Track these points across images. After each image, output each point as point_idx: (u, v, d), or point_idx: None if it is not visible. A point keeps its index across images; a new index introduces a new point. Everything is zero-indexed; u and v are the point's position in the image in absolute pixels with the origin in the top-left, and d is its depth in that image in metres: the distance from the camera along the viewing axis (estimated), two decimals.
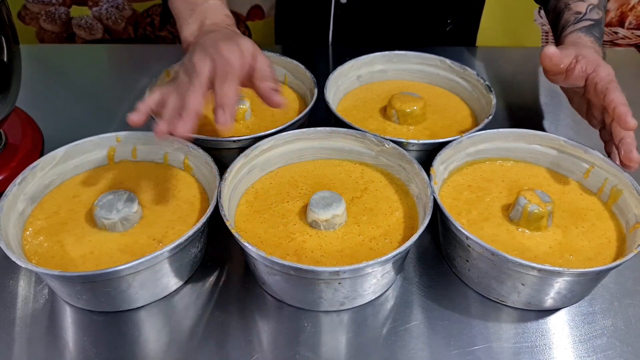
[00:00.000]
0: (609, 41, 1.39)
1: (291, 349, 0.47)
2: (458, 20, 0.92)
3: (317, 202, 0.51)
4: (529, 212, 0.51)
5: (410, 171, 0.55)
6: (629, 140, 0.53)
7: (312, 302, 0.49)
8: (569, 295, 0.49)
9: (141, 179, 0.57)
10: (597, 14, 0.65)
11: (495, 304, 0.51)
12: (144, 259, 0.44)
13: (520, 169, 0.60)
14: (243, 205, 0.55)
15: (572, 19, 0.65)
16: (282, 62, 0.73)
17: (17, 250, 0.47)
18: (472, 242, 0.47)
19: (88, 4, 1.39)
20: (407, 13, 0.90)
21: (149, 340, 0.48)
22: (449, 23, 0.92)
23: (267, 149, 0.57)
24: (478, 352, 0.47)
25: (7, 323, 0.48)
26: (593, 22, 0.64)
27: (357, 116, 0.68)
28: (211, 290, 0.52)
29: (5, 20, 0.56)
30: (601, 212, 0.55)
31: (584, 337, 0.49)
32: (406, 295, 0.52)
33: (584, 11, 0.65)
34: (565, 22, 0.65)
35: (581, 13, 0.65)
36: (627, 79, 0.87)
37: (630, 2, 1.32)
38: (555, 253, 0.50)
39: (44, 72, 0.87)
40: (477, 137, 0.59)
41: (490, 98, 0.65)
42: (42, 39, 1.45)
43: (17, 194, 0.51)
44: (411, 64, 0.75)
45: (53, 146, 0.56)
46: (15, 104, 0.62)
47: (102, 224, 0.50)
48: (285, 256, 0.49)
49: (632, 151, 0.53)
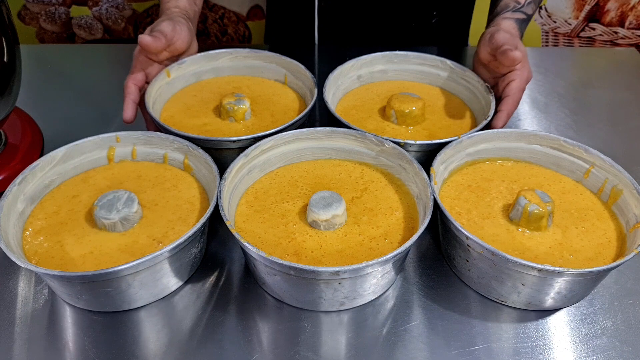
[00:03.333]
0: (609, 41, 1.39)
1: (291, 349, 0.47)
2: (444, 12, 0.92)
3: (317, 202, 0.51)
4: (529, 212, 0.51)
5: (410, 171, 0.55)
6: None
7: (312, 302, 0.49)
8: (569, 295, 0.49)
9: (141, 179, 0.57)
10: (531, 9, 0.71)
11: (495, 304, 0.51)
12: (144, 259, 0.44)
13: (520, 169, 0.60)
14: (243, 205, 0.55)
15: (512, 6, 0.70)
16: (282, 62, 0.73)
17: (17, 251, 0.47)
18: (472, 242, 0.47)
19: (88, 4, 1.39)
20: (391, 3, 0.91)
21: (149, 340, 0.48)
22: (435, 15, 0.92)
23: (267, 149, 0.57)
24: (478, 352, 0.47)
25: (7, 323, 0.48)
26: (525, 17, 0.70)
27: (356, 116, 0.68)
28: (211, 290, 0.52)
29: (5, 20, 0.56)
30: (601, 212, 0.55)
31: (584, 337, 0.49)
32: (406, 295, 0.52)
33: (523, 3, 0.71)
34: (505, 6, 0.71)
35: (520, 4, 0.70)
36: (627, 79, 0.87)
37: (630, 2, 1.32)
38: (556, 253, 0.50)
39: (44, 72, 0.87)
40: (477, 137, 0.59)
41: (490, 99, 0.65)
42: (42, 39, 1.45)
43: (17, 194, 0.51)
44: (412, 65, 0.75)
45: (53, 146, 0.56)
46: (15, 104, 0.62)
47: (102, 224, 0.50)
48: (285, 256, 0.49)
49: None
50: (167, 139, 0.58)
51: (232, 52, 0.74)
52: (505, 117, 0.62)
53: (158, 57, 0.67)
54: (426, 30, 0.93)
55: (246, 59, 0.74)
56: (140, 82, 0.65)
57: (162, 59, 0.68)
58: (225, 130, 0.65)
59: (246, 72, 0.75)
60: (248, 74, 0.75)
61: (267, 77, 0.75)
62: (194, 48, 0.72)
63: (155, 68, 0.68)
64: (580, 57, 0.99)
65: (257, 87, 0.73)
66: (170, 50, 0.67)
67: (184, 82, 0.72)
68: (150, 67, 0.67)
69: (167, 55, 0.68)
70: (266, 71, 0.74)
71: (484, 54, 0.65)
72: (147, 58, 0.66)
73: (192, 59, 0.72)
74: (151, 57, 0.66)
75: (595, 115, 0.78)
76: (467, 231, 0.47)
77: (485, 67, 0.67)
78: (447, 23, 0.94)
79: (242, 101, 0.65)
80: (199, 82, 0.74)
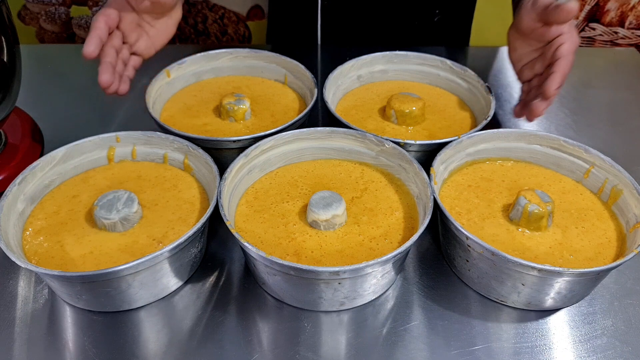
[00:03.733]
0: (609, 41, 1.39)
1: (291, 349, 0.47)
2: (447, 11, 0.92)
3: (317, 202, 0.51)
4: (529, 212, 0.51)
5: (410, 171, 0.55)
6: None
7: (312, 302, 0.49)
8: (569, 295, 0.49)
9: (141, 179, 0.57)
10: None
11: (495, 304, 0.51)
12: (144, 259, 0.44)
13: (520, 169, 0.60)
14: (243, 205, 0.55)
15: None
16: (282, 62, 0.73)
17: (17, 251, 0.47)
18: (472, 242, 0.47)
19: (88, 4, 1.39)
20: (394, 1, 0.90)
21: (149, 340, 0.48)
22: (437, 13, 0.92)
23: (267, 149, 0.57)
24: (478, 352, 0.47)
25: (7, 323, 0.48)
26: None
27: (355, 116, 0.68)
28: (211, 290, 0.52)
29: (5, 20, 0.56)
30: (601, 212, 0.55)
31: (584, 337, 0.49)
32: (406, 295, 0.52)
33: None
34: None
35: None
36: (627, 79, 0.87)
37: (630, 2, 1.32)
38: (556, 253, 0.50)
39: (44, 72, 0.87)
40: (477, 137, 0.59)
41: (490, 99, 0.65)
42: (42, 39, 1.45)
43: (17, 194, 0.51)
44: (412, 65, 0.75)
45: (53, 146, 0.56)
46: (15, 104, 0.62)
47: (102, 224, 0.50)
48: (285, 256, 0.49)
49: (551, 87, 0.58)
50: (167, 139, 0.58)
51: (232, 52, 0.74)
52: (559, 79, 0.58)
53: (137, 3, 0.59)
54: (429, 29, 0.93)
55: (246, 59, 0.74)
56: (112, 22, 0.58)
57: (142, 8, 0.60)
58: (225, 130, 0.65)
59: (246, 72, 0.75)
60: (248, 74, 0.75)
61: (267, 77, 0.75)
62: (176, 15, 0.65)
63: (131, 16, 0.60)
64: (580, 57, 0.99)
65: (257, 87, 0.73)
66: (152, 1, 0.59)
67: (184, 82, 0.72)
68: (127, 13, 0.60)
69: (148, 5, 0.59)
70: (266, 71, 0.74)
71: (527, 21, 0.61)
72: (126, 1, 0.59)
73: (192, 59, 0.72)
74: (130, 1, 0.59)
75: (595, 115, 0.78)
76: (467, 231, 0.47)
77: (527, 38, 0.63)
78: (449, 22, 0.94)
79: (242, 101, 0.65)
80: (199, 82, 0.74)
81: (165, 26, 0.64)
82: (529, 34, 0.62)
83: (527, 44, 0.64)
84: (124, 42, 0.61)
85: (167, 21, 0.64)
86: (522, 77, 0.66)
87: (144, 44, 0.62)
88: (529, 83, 0.65)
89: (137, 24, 0.61)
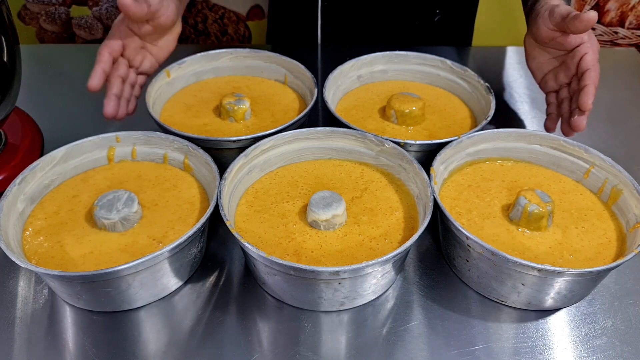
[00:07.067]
0: (609, 41, 1.39)
1: (291, 349, 0.47)
2: (447, 11, 0.92)
3: (317, 202, 0.51)
4: (529, 212, 0.51)
5: (411, 171, 0.55)
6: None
7: (312, 302, 0.49)
8: (569, 295, 0.49)
9: (141, 179, 0.57)
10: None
11: (495, 304, 0.51)
12: (144, 259, 0.44)
13: (520, 169, 0.60)
14: (243, 205, 0.55)
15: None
16: (282, 62, 0.73)
17: (17, 250, 0.47)
18: (472, 242, 0.47)
19: (88, 4, 1.39)
20: (394, 1, 0.90)
21: (149, 340, 0.48)
22: (438, 13, 0.92)
23: (267, 149, 0.57)
24: (478, 352, 0.47)
25: (7, 323, 0.48)
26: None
27: (356, 116, 0.68)
28: (211, 290, 0.52)
29: (5, 20, 0.56)
30: (601, 212, 0.55)
31: (584, 337, 0.49)
32: (406, 295, 0.52)
33: None
34: None
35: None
36: (627, 79, 0.87)
37: (630, 2, 1.32)
38: (555, 253, 0.50)
39: (44, 72, 0.87)
40: (477, 137, 0.59)
41: (490, 99, 0.65)
42: (42, 39, 1.45)
43: (17, 194, 0.51)
44: (412, 65, 0.75)
45: (53, 146, 0.56)
46: (15, 104, 0.62)
47: (102, 224, 0.50)
48: (285, 256, 0.49)
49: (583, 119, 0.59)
50: (167, 139, 0.58)
51: (232, 52, 0.74)
52: (593, 91, 0.58)
53: (139, 29, 0.61)
54: (429, 29, 0.93)
55: (246, 59, 0.74)
56: (116, 52, 0.61)
57: (144, 32, 0.62)
58: (225, 130, 0.65)
59: (246, 72, 0.75)
60: (248, 74, 0.75)
61: (267, 77, 0.75)
62: (177, 30, 0.67)
63: (134, 41, 0.62)
64: None
65: (257, 87, 0.73)
66: (154, 25, 0.61)
67: (184, 82, 0.72)
68: (130, 38, 0.62)
69: (150, 29, 0.62)
70: (266, 71, 0.74)
71: (545, 30, 0.61)
72: (128, 29, 0.62)
73: (192, 59, 0.72)
74: (132, 28, 0.61)
75: (595, 115, 0.78)
76: (467, 231, 0.47)
77: (546, 47, 0.63)
78: (451, 22, 0.94)
79: (242, 101, 0.65)
80: (199, 82, 0.74)
81: (167, 42, 0.66)
82: (548, 42, 0.62)
83: (546, 52, 0.64)
84: (130, 66, 0.63)
85: (168, 37, 0.66)
86: (546, 88, 0.66)
87: (148, 63, 0.65)
88: (557, 95, 0.65)
89: (140, 47, 0.64)
